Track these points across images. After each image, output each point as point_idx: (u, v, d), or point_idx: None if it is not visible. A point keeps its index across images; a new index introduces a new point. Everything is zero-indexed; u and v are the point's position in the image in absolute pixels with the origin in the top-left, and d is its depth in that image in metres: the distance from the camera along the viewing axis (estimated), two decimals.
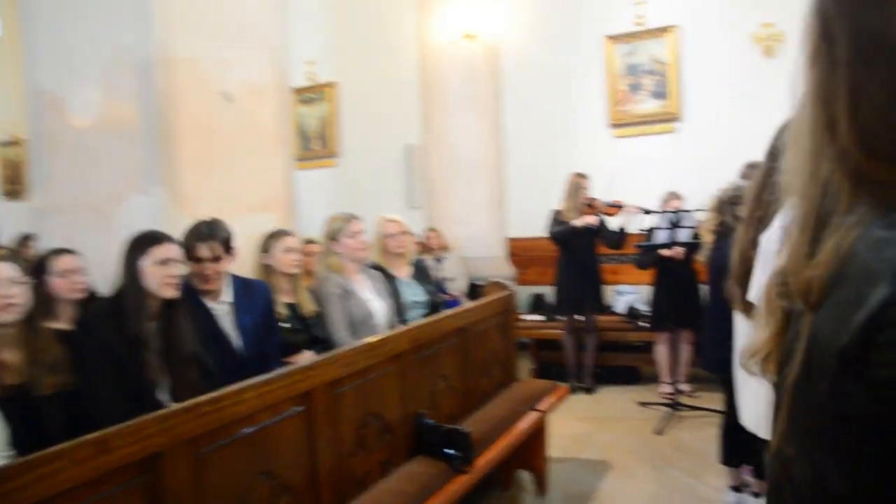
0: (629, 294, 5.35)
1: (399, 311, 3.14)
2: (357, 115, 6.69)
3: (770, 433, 0.60)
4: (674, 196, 4.40)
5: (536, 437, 3.16)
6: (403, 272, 3.31)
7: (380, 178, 6.49)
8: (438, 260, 5.20)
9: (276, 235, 2.82)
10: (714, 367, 2.54)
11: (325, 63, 6.84)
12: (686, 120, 5.52)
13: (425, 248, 5.20)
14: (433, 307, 3.31)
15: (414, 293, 3.27)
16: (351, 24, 6.64)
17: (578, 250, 4.46)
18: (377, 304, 3.03)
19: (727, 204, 2.48)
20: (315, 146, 6.96)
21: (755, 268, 1.45)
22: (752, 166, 2.59)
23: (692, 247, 4.01)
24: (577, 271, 4.52)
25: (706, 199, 2.88)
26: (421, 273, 3.38)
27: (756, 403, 1.61)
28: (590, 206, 4.55)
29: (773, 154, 1.55)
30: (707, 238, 2.68)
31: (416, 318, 3.09)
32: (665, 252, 4.08)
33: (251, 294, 2.53)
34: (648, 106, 5.58)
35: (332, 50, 6.82)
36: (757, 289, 1.41)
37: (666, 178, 5.02)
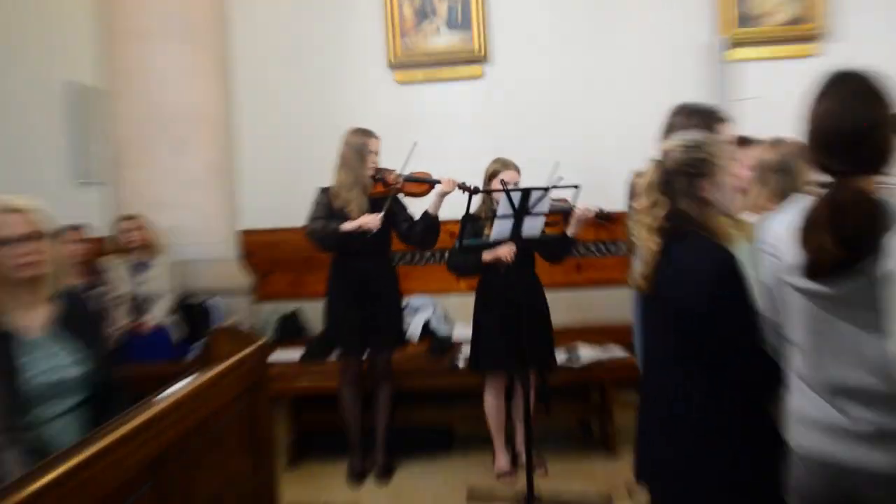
0: (426, 308, 4.62)
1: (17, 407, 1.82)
2: None
3: None
4: (504, 165, 3.39)
5: None
6: (33, 320, 1.98)
7: (26, 136, 5.17)
8: (140, 267, 4.14)
9: None
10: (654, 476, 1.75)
11: None
12: (495, 62, 4.88)
13: (120, 248, 4.16)
14: (102, 390, 2.00)
15: (54, 360, 1.97)
16: None
17: (360, 253, 3.39)
18: None
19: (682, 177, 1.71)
20: None
21: None
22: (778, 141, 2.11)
23: (544, 245, 3.28)
24: (359, 284, 3.47)
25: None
26: (75, 319, 2.02)
27: None
28: (381, 181, 3.41)
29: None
30: (644, 236, 1.77)
31: (62, 421, 1.92)
32: (487, 255, 3.23)
33: None
34: (444, 40, 4.81)
35: None
36: None
37: (473, 141, 4.68)
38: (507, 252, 3.17)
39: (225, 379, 1.97)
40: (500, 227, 2.93)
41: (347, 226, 3.28)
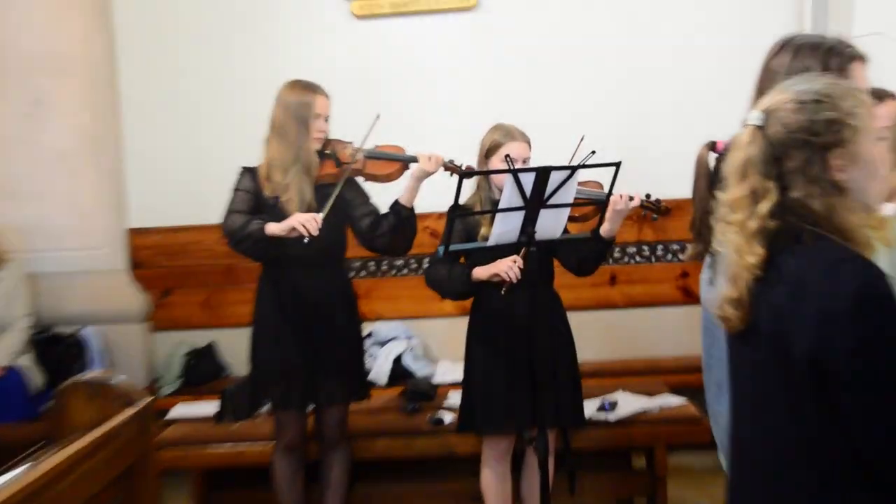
0: (397, 339, 4.78)
1: None
2: None
3: None
4: (509, 135, 3.33)
5: None
6: None
7: None
8: None
9: None
10: None
11: None
12: None
13: None
14: None
15: None
16: None
17: (301, 263, 3.39)
18: None
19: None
20: None
21: None
22: None
23: (569, 249, 3.31)
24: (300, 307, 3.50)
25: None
26: None
27: None
28: (332, 157, 3.42)
29: None
30: (736, 243, 1.72)
31: None
32: (481, 272, 3.21)
33: None
34: None
35: None
36: None
37: (464, 101, 4.79)
38: (509, 267, 3.13)
39: (84, 463, 1.91)
40: (504, 225, 2.90)
41: (274, 228, 3.23)
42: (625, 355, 4.66)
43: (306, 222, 3.17)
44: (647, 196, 3.24)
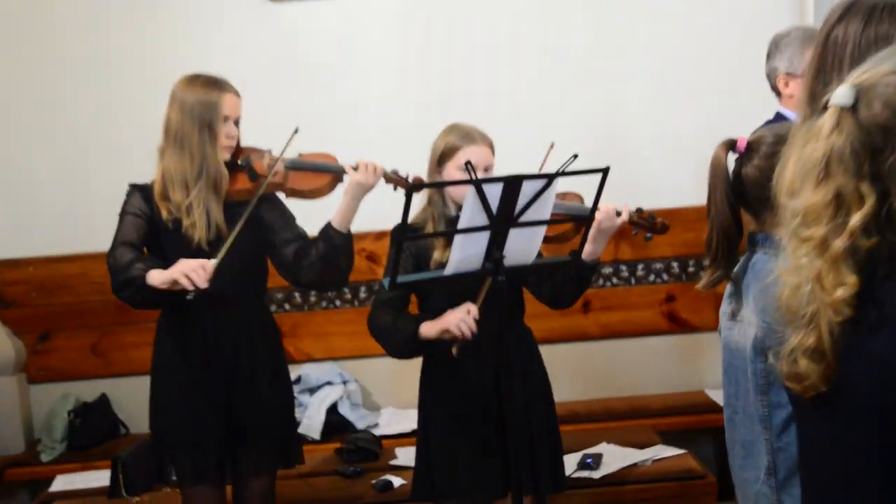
0: (331, 384, 4.61)
1: None
2: None
3: None
4: (467, 138, 3.23)
5: None
6: None
7: None
8: None
9: None
10: None
11: None
12: None
13: None
14: None
15: None
16: None
17: (209, 300, 3.21)
18: None
19: None
20: None
21: None
22: None
23: (543, 277, 3.25)
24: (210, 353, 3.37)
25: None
26: None
27: None
28: (245, 170, 3.28)
29: None
30: (817, 269, 1.54)
31: None
32: (429, 328, 3.12)
33: None
34: None
35: None
36: None
37: (408, 97, 4.72)
38: (460, 321, 2.98)
39: None
40: (465, 250, 2.71)
41: (155, 279, 3.08)
42: (603, 394, 4.54)
43: (192, 272, 2.97)
44: (639, 210, 3.11)
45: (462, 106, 3.80)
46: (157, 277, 3.02)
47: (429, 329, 3.04)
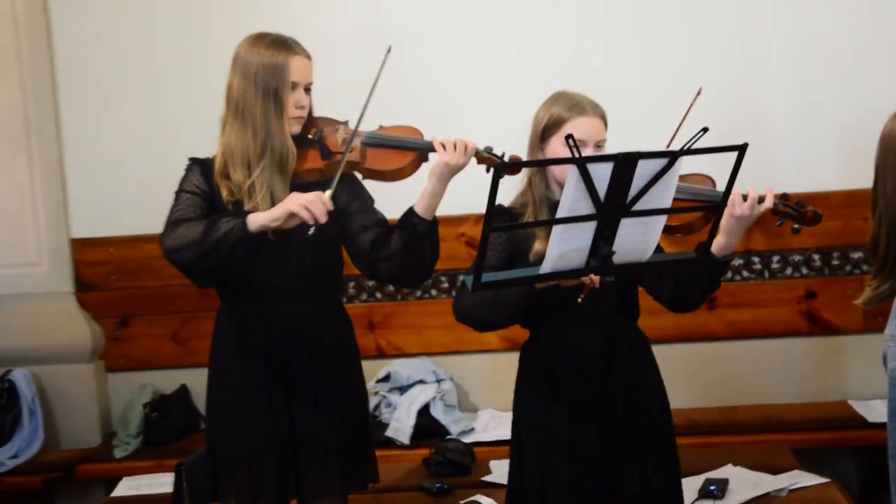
0: (424, 383, 4.43)
1: None
2: None
3: None
4: (575, 108, 2.97)
5: None
6: None
7: None
8: None
9: None
10: None
11: None
12: None
13: None
14: None
15: None
16: None
17: (278, 291, 3.02)
18: None
19: None
20: None
21: None
22: None
23: (664, 274, 2.98)
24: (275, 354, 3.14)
25: None
26: None
27: None
28: (317, 145, 2.99)
29: None
30: None
31: None
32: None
33: None
34: None
35: None
36: None
37: (515, 67, 4.45)
38: (309, 202, 2.76)
39: None
40: (565, 243, 2.39)
41: (262, 217, 2.81)
42: (727, 402, 4.19)
43: (310, 204, 2.69)
44: (784, 196, 2.74)
45: (573, 75, 3.45)
46: (263, 216, 2.77)
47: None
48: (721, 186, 2.65)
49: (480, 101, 4.25)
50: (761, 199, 2.71)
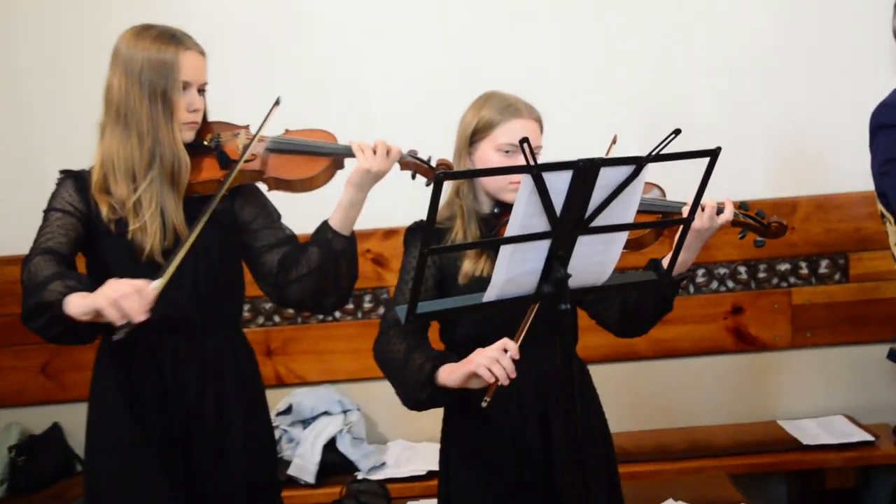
0: (329, 414, 4.23)
1: None
2: None
3: None
4: (509, 110, 2.83)
5: None
6: None
7: None
8: None
9: None
10: None
11: None
12: None
13: None
14: None
15: None
16: None
17: (166, 326, 2.69)
18: None
19: None
20: None
21: None
22: None
23: (615, 297, 2.90)
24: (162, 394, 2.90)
25: None
26: None
27: None
28: (215, 152, 2.71)
29: None
30: None
31: None
32: (450, 375, 2.68)
33: None
34: None
35: None
36: None
37: (431, 61, 4.32)
38: (492, 361, 2.45)
39: None
40: (514, 266, 2.12)
41: (75, 307, 2.37)
42: (654, 425, 4.05)
43: (123, 299, 2.24)
44: (743, 205, 2.59)
45: (494, 72, 3.34)
46: (77, 305, 2.33)
47: (450, 374, 2.46)
48: (673, 196, 2.51)
49: (395, 100, 4.05)
50: (720, 210, 2.53)
